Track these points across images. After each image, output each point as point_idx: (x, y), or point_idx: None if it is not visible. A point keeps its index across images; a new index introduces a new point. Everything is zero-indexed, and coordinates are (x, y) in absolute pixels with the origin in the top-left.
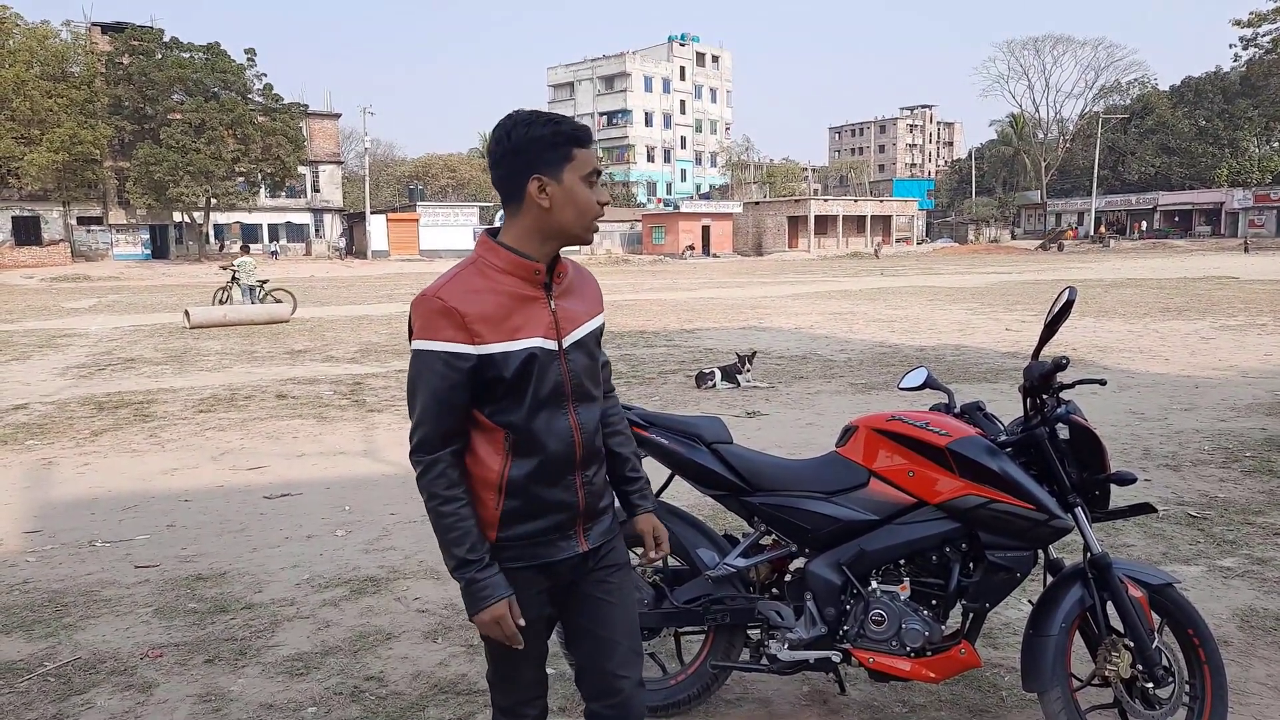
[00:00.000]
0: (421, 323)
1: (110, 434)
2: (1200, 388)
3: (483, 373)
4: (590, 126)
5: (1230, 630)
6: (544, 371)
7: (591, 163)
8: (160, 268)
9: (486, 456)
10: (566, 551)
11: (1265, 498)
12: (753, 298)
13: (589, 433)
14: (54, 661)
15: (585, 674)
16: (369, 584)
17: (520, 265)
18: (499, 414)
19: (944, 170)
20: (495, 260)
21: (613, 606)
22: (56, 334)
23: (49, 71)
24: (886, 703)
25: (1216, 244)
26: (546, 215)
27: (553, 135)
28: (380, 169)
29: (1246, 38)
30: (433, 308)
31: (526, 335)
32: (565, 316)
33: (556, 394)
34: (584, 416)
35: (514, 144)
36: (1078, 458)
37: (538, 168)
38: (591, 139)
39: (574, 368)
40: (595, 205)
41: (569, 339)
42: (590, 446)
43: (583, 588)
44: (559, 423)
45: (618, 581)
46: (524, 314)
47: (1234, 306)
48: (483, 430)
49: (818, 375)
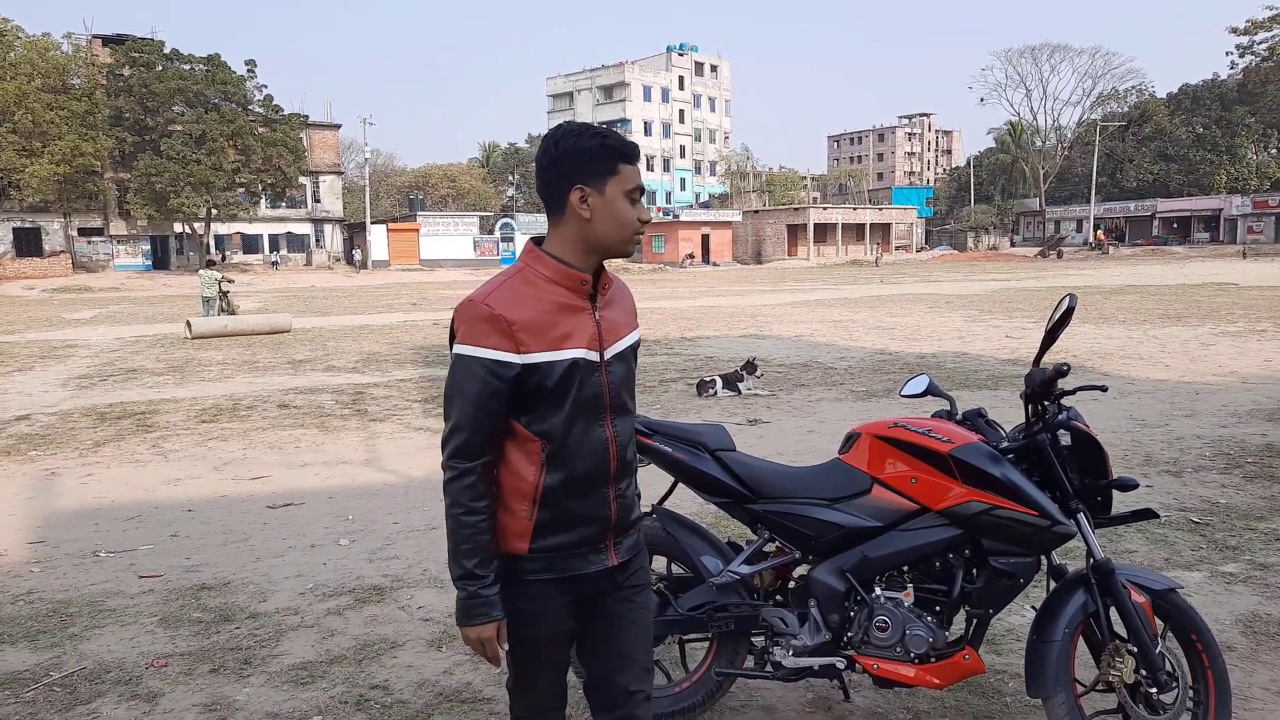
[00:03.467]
0: (467, 328)
1: (113, 444)
2: (1201, 394)
3: (525, 381)
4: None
5: (1233, 635)
6: (585, 381)
7: (635, 179)
8: (161, 278)
9: (521, 467)
10: (596, 565)
11: (1267, 503)
12: (753, 306)
13: (624, 445)
14: (59, 671)
15: (598, 687)
16: (373, 593)
17: (567, 275)
18: (536, 423)
19: (943, 178)
20: (542, 269)
21: (634, 625)
22: (58, 345)
23: (50, 84)
24: (891, 709)
25: (1215, 250)
26: (586, 226)
27: (599, 147)
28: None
29: (1243, 45)
30: (479, 314)
31: (571, 345)
32: (608, 327)
33: (595, 405)
34: (620, 429)
35: (560, 153)
36: (1079, 464)
37: (581, 178)
38: (638, 156)
39: (613, 379)
40: (635, 221)
41: (611, 350)
42: (624, 459)
43: (607, 604)
44: (595, 434)
45: (641, 601)
46: (569, 324)
47: (1233, 313)
48: (518, 440)
49: (818, 383)
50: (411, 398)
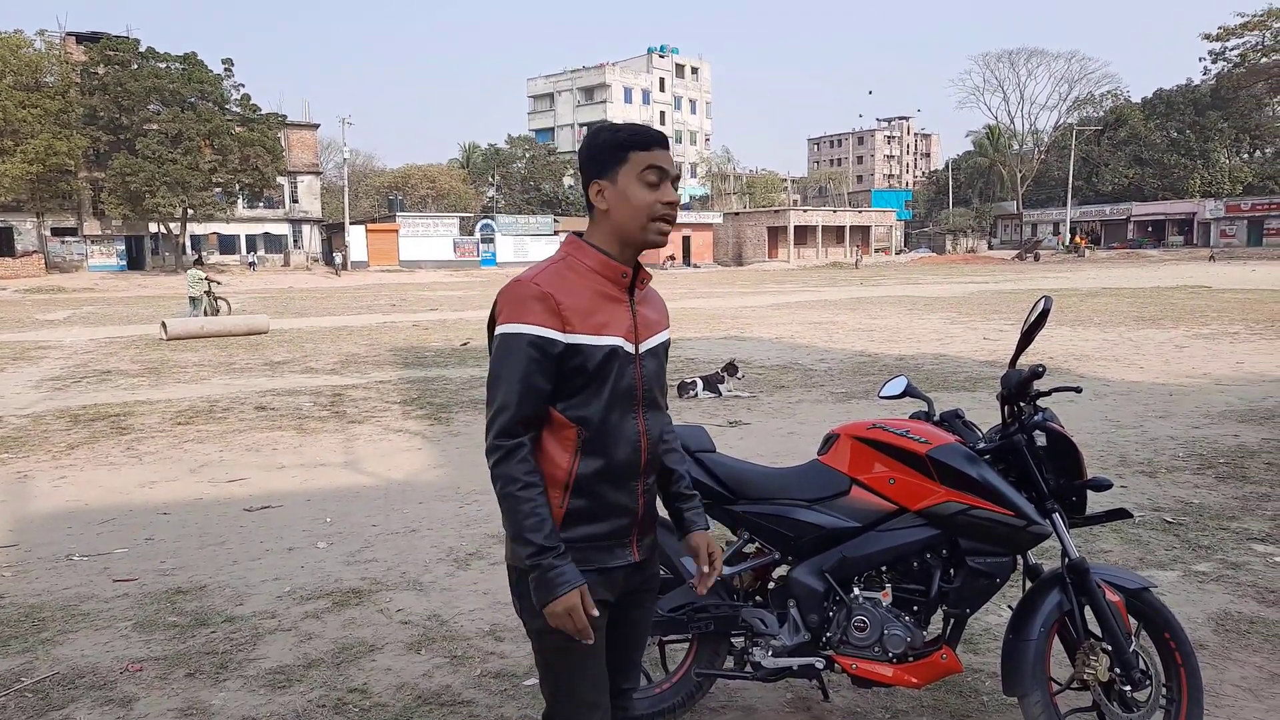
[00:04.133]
0: (512, 307)
1: (87, 447)
2: (1174, 395)
3: (566, 361)
4: (571, 136)
5: (1205, 634)
6: (621, 371)
7: (646, 160)
8: (136, 279)
9: (555, 454)
10: (621, 559)
11: (1239, 503)
12: (733, 308)
13: (654, 440)
14: (31, 677)
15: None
16: (351, 596)
17: (608, 265)
18: (573, 409)
19: (921, 181)
20: (584, 259)
21: (642, 627)
22: (31, 346)
23: (23, 81)
24: (869, 708)
25: (1189, 253)
26: (607, 218)
27: (611, 141)
28: (359, 179)
29: (1216, 51)
30: (528, 292)
31: (610, 332)
32: (643, 322)
33: (629, 396)
34: (651, 423)
35: (583, 154)
36: (1055, 464)
37: (597, 173)
38: (656, 143)
39: (646, 373)
40: (651, 203)
41: (645, 345)
42: (653, 454)
43: (622, 605)
44: (629, 425)
45: (652, 604)
46: (609, 312)
47: (1206, 315)
48: (554, 426)
49: (798, 384)
50: (390, 399)
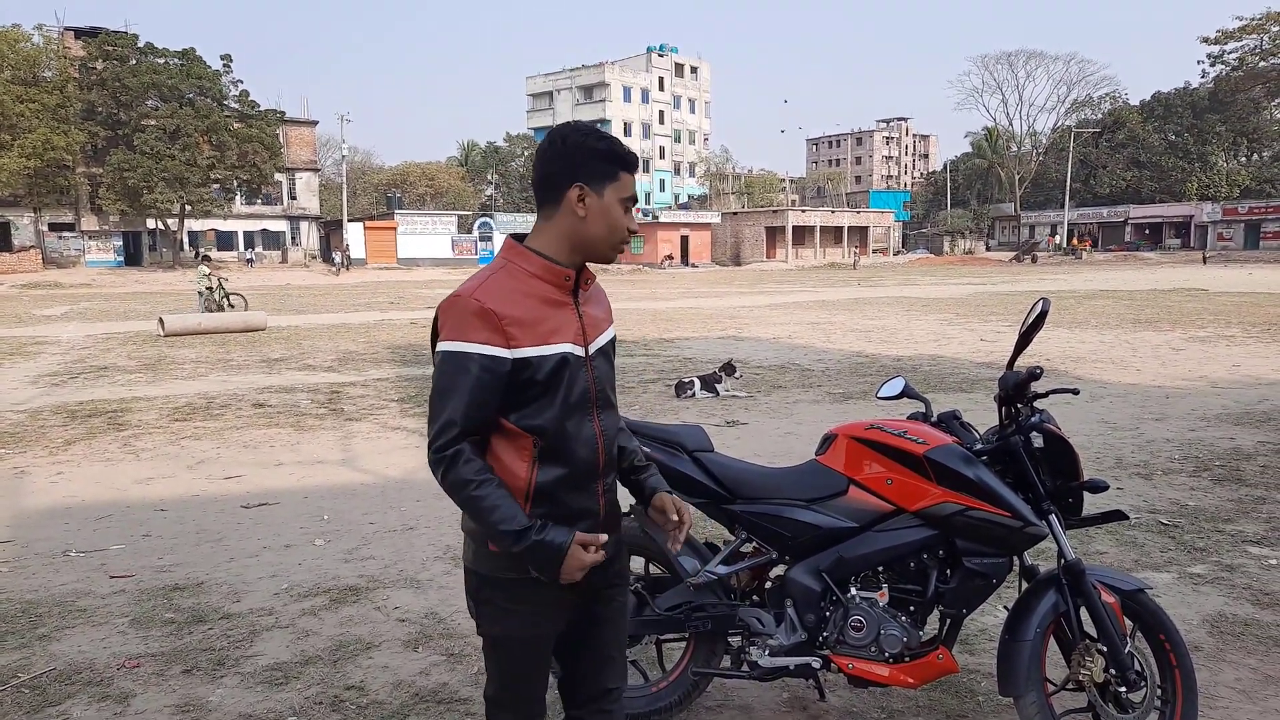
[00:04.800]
0: (455, 323)
1: (84, 443)
2: (1171, 398)
3: (516, 376)
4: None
5: (1200, 635)
6: (574, 377)
7: (632, 188)
8: (134, 275)
9: (512, 463)
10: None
11: (1234, 506)
12: (731, 308)
13: (610, 439)
14: (28, 672)
15: (576, 683)
16: (348, 593)
17: (551, 270)
18: (527, 419)
19: (920, 182)
20: (526, 265)
21: (615, 623)
22: (28, 341)
23: (20, 76)
24: (865, 708)
25: (1186, 256)
26: (579, 225)
27: (607, 151)
28: (358, 177)
29: (1214, 54)
30: (470, 309)
31: (559, 340)
32: (590, 323)
33: (583, 400)
34: (606, 423)
35: (567, 148)
36: (1052, 466)
37: (583, 176)
38: (639, 167)
39: (598, 374)
40: (625, 229)
41: (594, 345)
42: (610, 453)
43: (591, 604)
44: (585, 429)
45: (621, 600)
46: (556, 319)
47: (1203, 318)
48: (508, 436)
49: (796, 385)
50: (388, 397)
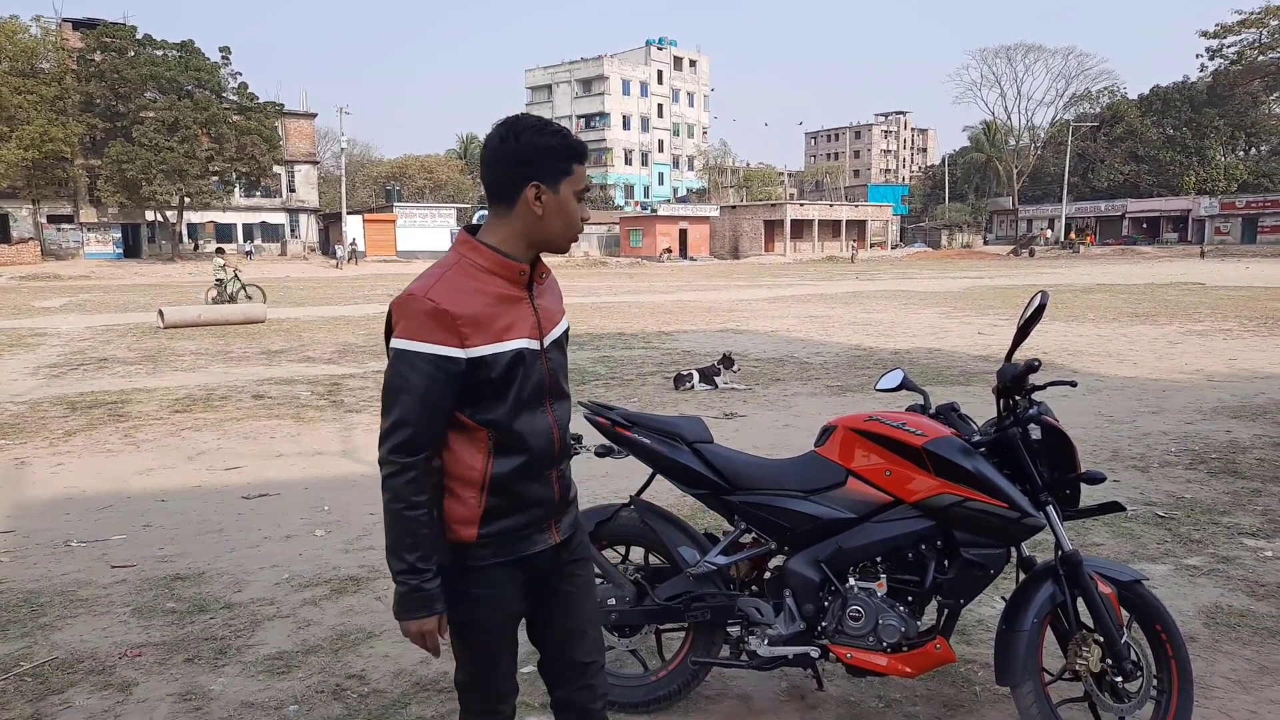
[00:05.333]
0: (408, 323)
1: (84, 434)
2: (1167, 391)
3: (471, 375)
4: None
5: (1196, 626)
6: (528, 371)
7: (584, 180)
8: (132, 267)
9: (467, 455)
10: (541, 544)
11: (1230, 498)
12: (729, 301)
13: (563, 428)
14: (30, 661)
15: (553, 663)
16: (349, 583)
17: (505, 266)
18: (480, 413)
19: (918, 176)
20: (480, 260)
21: (580, 599)
22: (27, 333)
23: (18, 67)
24: (863, 697)
25: (1184, 250)
26: (537, 223)
27: (561, 147)
28: (357, 169)
29: (1213, 49)
30: (422, 308)
31: (514, 336)
32: (544, 315)
33: (538, 392)
34: (559, 413)
35: (520, 147)
36: (1049, 458)
37: (539, 175)
38: (586, 156)
39: (553, 365)
40: (579, 221)
41: (549, 337)
42: (564, 441)
43: (552, 582)
44: (540, 421)
45: (584, 575)
46: (511, 314)
47: (1200, 312)
48: (463, 429)
49: (794, 377)
50: None
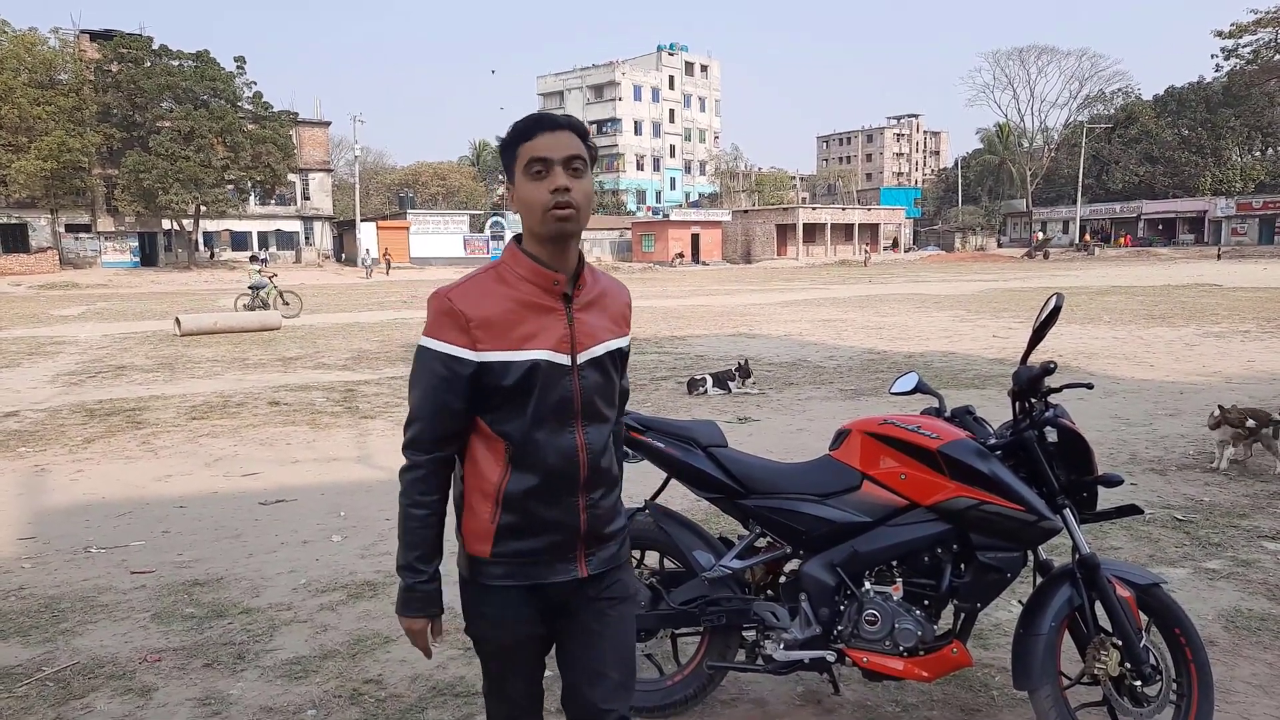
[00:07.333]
0: (429, 320)
1: (103, 441)
2: (1185, 393)
3: (481, 379)
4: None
5: (1216, 630)
6: (549, 385)
7: (529, 153)
8: (149, 275)
9: (486, 466)
10: (563, 575)
11: (1249, 501)
12: (742, 305)
13: (596, 453)
14: (52, 666)
15: (570, 699)
16: (366, 588)
17: (540, 274)
18: (498, 423)
19: (930, 179)
20: (517, 267)
21: (606, 639)
22: (46, 341)
23: (37, 79)
24: (880, 702)
25: (1200, 252)
26: (524, 219)
27: (509, 138)
28: (370, 177)
29: (1228, 48)
30: (440, 307)
31: (535, 346)
32: (583, 331)
33: (563, 410)
34: (593, 437)
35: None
36: (1065, 460)
37: (509, 177)
38: (541, 128)
39: (586, 385)
40: (540, 195)
41: (585, 355)
42: (597, 468)
43: (579, 615)
44: (564, 440)
45: (617, 614)
46: (536, 324)
47: (1217, 313)
48: (484, 438)
49: (808, 381)
50: (402, 395)
